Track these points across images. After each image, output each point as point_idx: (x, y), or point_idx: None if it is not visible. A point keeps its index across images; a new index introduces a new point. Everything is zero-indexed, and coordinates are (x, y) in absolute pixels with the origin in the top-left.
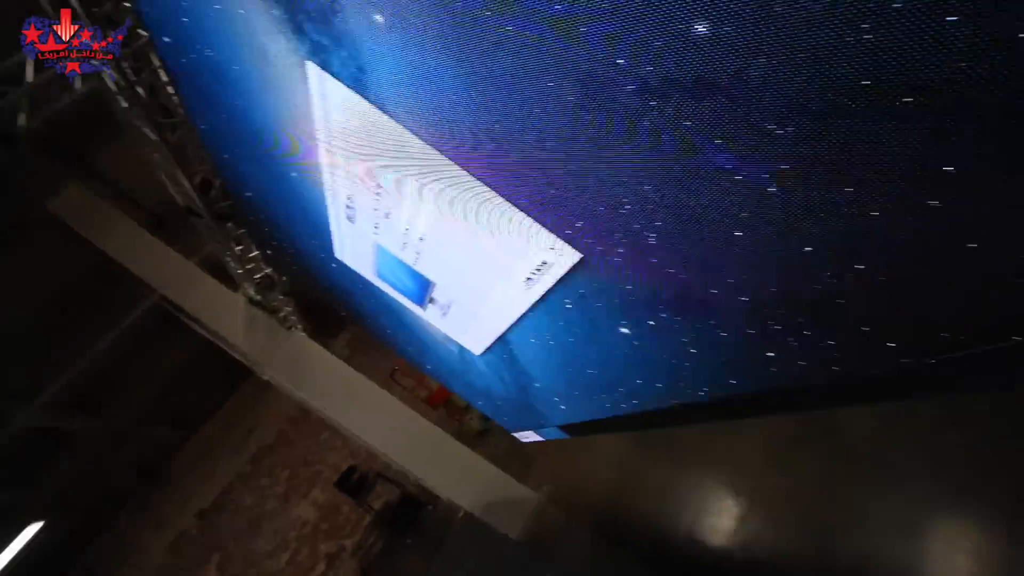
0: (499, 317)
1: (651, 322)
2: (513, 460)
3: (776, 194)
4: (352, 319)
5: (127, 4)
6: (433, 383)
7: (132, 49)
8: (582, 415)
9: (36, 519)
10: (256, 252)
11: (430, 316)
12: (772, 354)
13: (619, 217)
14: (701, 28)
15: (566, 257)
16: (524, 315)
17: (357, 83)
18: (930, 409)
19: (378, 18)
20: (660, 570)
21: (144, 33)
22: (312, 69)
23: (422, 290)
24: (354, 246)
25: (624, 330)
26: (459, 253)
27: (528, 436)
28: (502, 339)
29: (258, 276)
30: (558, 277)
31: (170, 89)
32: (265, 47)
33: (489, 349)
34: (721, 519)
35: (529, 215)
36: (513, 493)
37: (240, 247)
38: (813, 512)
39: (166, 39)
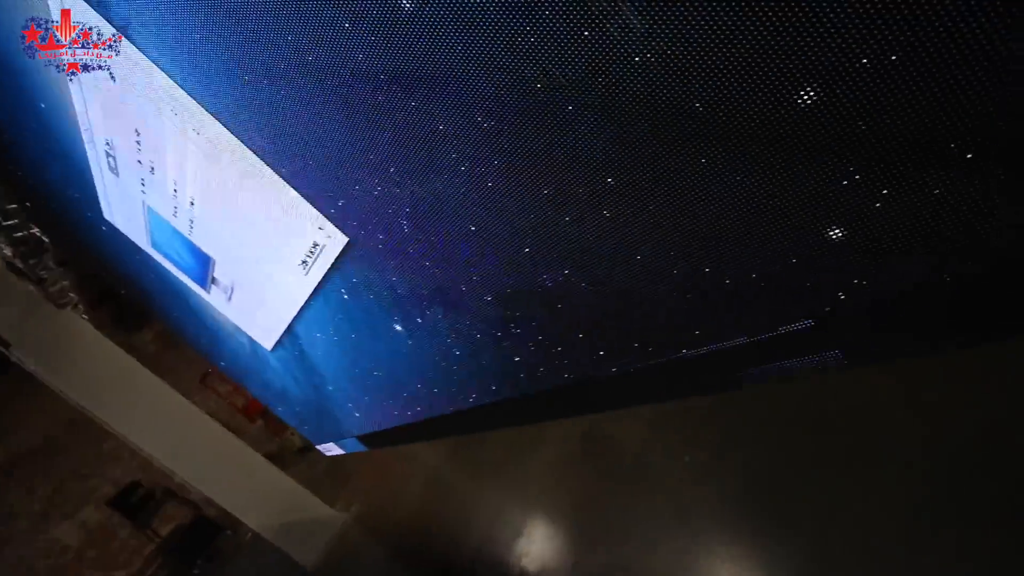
0: (283, 306)
1: (419, 319)
2: (330, 478)
3: (494, 188)
4: (132, 299)
5: None
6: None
7: None
8: (375, 424)
9: None
10: (15, 205)
11: (215, 300)
12: (518, 359)
13: (373, 200)
14: (407, 5)
15: (335, 240)
16: (307, 305)
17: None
18: (697, 419)
19: None
20: None
21: None
22: None
23: (202, 267)
24: (123, 206)
25: (398, 327)
26: (234, 226)
27: (331, 449)
28: (290, 332)
29: (20, 234)
30: (331, 262)
31: None
32: None
33: (279, 344)
34: (506, 536)
35: (291, 184)
36: (314, 515)
37: None
38: (582, 525)
39: None
